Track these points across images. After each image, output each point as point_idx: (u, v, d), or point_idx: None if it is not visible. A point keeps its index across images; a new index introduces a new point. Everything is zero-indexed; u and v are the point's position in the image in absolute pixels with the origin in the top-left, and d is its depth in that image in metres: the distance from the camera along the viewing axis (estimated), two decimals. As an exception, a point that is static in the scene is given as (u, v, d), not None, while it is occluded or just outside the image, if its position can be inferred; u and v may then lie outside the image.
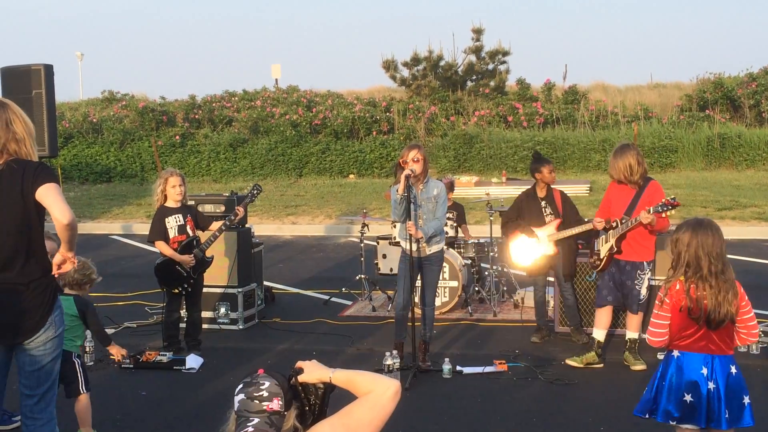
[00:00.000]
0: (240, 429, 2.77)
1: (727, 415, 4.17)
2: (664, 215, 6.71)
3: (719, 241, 4.15)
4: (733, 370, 4.23)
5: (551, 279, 8.30)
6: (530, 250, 7.93)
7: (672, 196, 6.74)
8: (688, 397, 4.20)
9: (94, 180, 23.52)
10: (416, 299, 7.50)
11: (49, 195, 4.13)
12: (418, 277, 7.25)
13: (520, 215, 8.04)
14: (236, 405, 2.82)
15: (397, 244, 8.29)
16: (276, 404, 2.79)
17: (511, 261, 8.26)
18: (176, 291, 7.59)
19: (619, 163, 6.96)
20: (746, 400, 4.23)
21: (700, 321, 4.16)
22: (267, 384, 2.81)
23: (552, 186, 8.05)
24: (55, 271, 4.32)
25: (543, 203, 7.97)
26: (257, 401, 2.78)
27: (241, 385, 2.85)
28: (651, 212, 6.67)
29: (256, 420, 2.76)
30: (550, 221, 7.89)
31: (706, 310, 4.12)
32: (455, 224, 9.70)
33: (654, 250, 7.12)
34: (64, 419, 5.74)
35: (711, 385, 4.17)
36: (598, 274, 7.30)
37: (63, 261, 4.31)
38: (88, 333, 6.18)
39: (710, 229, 4.18)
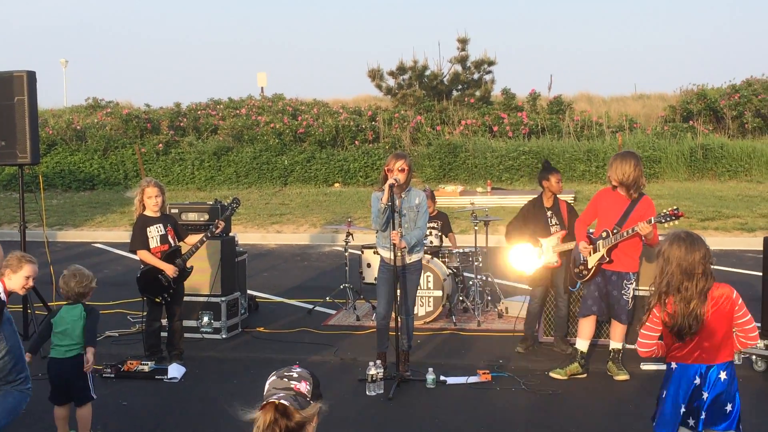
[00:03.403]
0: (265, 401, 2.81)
1: (703, 417, 4.20)
2: (666, 226, 6.67)
3: (691, 253, 4.15)
4: (723, 375, 4.24)
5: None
6: (533, 260, 7.91)
7: (675, 207, 6.73)
8: (683, 409, 4.23)
9: (77, 187, 23.40)
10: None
11: None
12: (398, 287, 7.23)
13: (525, 224, 8.02)
14: (266, 388, 2.86)
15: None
16: (303, 387, 2.84)
17: (513, 269, 8.24)
18: (158, 300, 7.54)
19: (636, 167, 6.83)
20: (729, 407, 4.24)
21: (673, 333, 4.19)
22: (299, 370, 2.90)
23: (558, 197, 8.04)
24: None
25: (549, 213, 7.96)
26: (286, 380, 2.84)
27: (273, 372, 2.91)
28: (652, 222, 6.65)
29: (282, 393, 2.80)
30: (555, 232, 7.87)
31: (675, 324, 4.16)
32: (440, 233, 9.69)
33: (639, 261, 7.13)
34: (44, 425, 5.69)
35: (705, 395, 4.20)
36: (583, 284, 7.29)
37: None
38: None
39: (683, 242, 4.19)
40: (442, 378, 7.01)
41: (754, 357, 7.26)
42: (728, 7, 66.17)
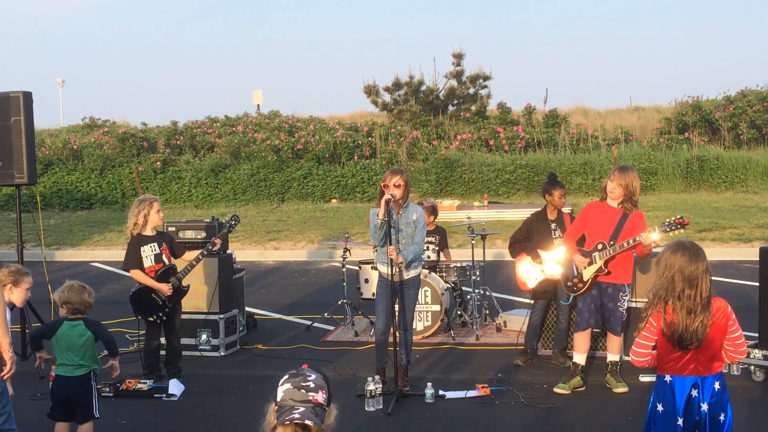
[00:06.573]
0: (285, 415, 2.80)
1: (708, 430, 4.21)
2: (671, 234, 6.68)
3: (694, 262, 4.17)
4: (717, 386, 4.26)
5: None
6: (536, 273, 7.93)
7: (680, 215, 6.74)
8: (680, 421, 4.21)
9: (75, 207, 23.39)
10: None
11: None
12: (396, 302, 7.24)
13: (528, 237, 8.03)
14: (280, 395, 2.86)
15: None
16: (321, 396, 2.85)
17: (517, 282, 8.25)
18: (151, 319, 7.54)
19: (635, 179, 6.93)
20: (722, 417, 4.26)
21: (673, 343, 4.19)
22: (313, 376, 2.90)
23: (562, 209, 8.06)
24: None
25: (553, 225, 7.98)
26: (303, 390, 2.84)
27: (286, 376, 2.91)
28: (657, 231, 6.65)
29: (302, 408, 2.80)
30: (559, 244, 7.88)
31: (676, 331, 4.16)
32: (437, 248, 9.71)
33: (632, 272, 7.14)
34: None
35: (704, 407, 4.20)
36: (577, 297, 7.27)
37: None
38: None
39: (687, 250, 4.21)
40: (441, 392, 7.00)
41: (752, 367, 7.26)
42: (722, 18, 66.56)
